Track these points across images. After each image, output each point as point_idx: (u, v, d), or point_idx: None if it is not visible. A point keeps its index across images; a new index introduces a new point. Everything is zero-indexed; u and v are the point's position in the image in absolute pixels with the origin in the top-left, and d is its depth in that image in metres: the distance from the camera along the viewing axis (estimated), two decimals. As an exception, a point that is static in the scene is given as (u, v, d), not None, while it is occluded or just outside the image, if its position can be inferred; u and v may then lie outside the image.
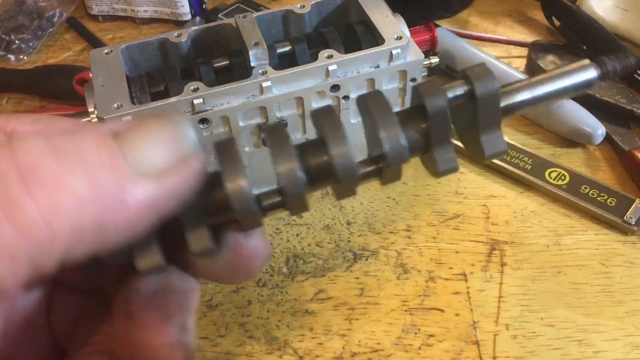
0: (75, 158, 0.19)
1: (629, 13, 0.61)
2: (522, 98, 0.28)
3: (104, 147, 0.20)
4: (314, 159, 0.26)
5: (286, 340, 0.43)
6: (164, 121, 0.22)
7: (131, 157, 0.20)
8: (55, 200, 0.19)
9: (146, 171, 0.21)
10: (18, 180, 0.19)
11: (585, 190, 0.49)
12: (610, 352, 0.41)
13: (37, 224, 0.19)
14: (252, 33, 0.45)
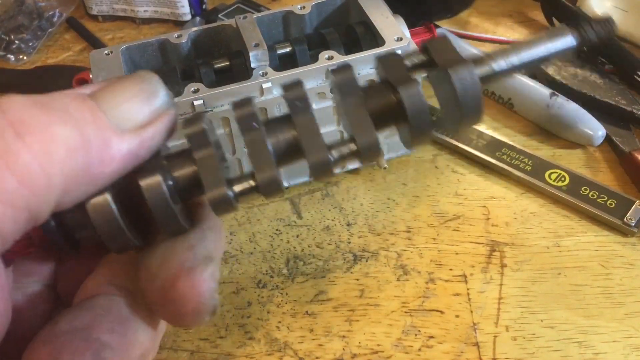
0: (60, 112, 0.21)
1: (629, 14, 0.61)
2: (499, 67, 0.27)
3: (84, 105, 0.22)
4: (282, 135, 0.26)
5: (286, 342, 0.43)
6: (137, 80, 0.24)
7: (110, 114, 0.22)
8: (48, 147, 0.20)
9: (126, 126, 0.22)
10: (12, 132, 0.20)
11: (585, 191, 0.49)
12: (610, 353, 0.41)
13: (34, 171, 0.20)
14: (252, 34, 0.45)
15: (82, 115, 0.21)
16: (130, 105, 0.23)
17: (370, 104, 0.26)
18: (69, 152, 0.21)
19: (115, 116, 0.22)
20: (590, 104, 0.54)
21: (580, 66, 0.58)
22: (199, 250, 0.25)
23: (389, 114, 0.26)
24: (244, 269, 0.47)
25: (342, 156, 0.26)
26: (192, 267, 0.24)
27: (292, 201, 0.51)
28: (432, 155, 0.54)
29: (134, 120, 0.23)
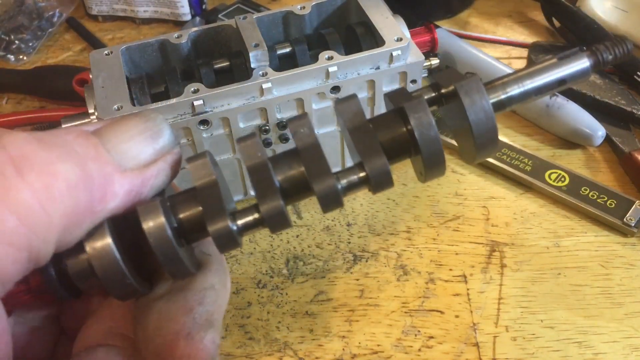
0: (62, 149, 0.21)
1: (629, 14, 0.61)
2: (512, 93, 0.26)
3: (87, 141, 0.22)
4: (287, 166, 0.25)
5: (286, 342, 0.43)
6: (142, 119, 0.23)
7: (113, 151, 0.22)
8: (49, 185, 0.20)
9: (129, 164, 0.22)
10: (12, 169, 0.20)
11: (585, 191, 0.49)
12: (609, 354, 0.41)
13: (34, 210, 0.20)
14: (252, 34, 0.45)
15: (84, 151, 0.21)
16: (133, 144, 0.23)
17: (380, 134, 0.25)
18: (70, 189, 0.20)
19: (119, 154, 0.22)
20: (590, 104, 0.54)
21: (580, 66, 0.58)
22: (199, 313, 0.24)
23: (400, 145, 0.25)
24: (244, 269, 0.47)
25: (351, 184, 0.25)
26: (191, 333, 0.23)
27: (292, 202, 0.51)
28: (432, 155, 0.54)
29: (137, 159, 0.23)
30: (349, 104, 0.25)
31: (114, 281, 0.23)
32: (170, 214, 0.24)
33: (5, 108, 0.62)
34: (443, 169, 0.26)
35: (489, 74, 0.57)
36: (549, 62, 0.27)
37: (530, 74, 0.27)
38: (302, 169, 0.25)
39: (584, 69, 0.27)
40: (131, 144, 0.23)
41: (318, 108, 0.46)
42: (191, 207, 0.24)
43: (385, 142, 0.25)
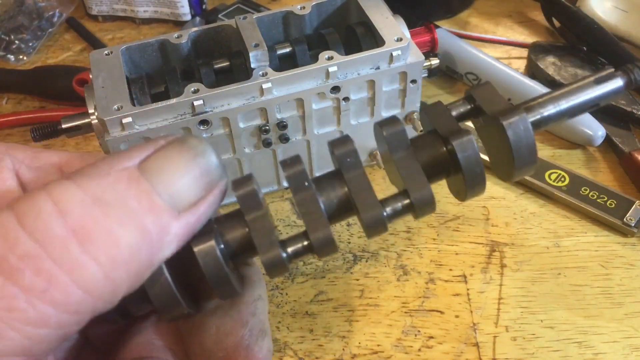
0: (118, 208, 0.20)
1: (629, 14, 0.61)
2: (548, 114, 0.27)
3: (139, 189, 0.21)
4: (334, 193, 0.25)
5: (286, 342, 0.43)
6: (190, 153, 0.23)
7: (165, 194, 0.22)
8: (113, 256, 0.20)
9: (181, 205, 0.22)
10: (75, 243, 0.20)
11: (585, 191, 0.49)
12: (609, 354, 0.41)
13: (101, 281, 0.20)
14: (252, 34, 0.45)
15: (140, 204, 0.21)
16: (185, 183, 0.22)
17: (421, 156, 0.25)
18: (133, 254, 0.21)
19: (171, 197, 0.22)
20: (590, 104, 0.54)
21: (580, 66, 0.58)
22: (254, 324, 0.25)
23: (441, 166, 0.26)
24: (243, 269, 0.47)
25: (395, 212, 0.25)
26: (250, 345, 0.24)
27: (292, 201, 0.51)
28: (432, 155, 0.54)
29: (189, 199, 0.22)
30: (393, 127, 0.26)
31: (167, 306, 0.24)
32: (219, 237, 0.24)
33: (5, 108, 0.62)
34: (484, 188, 0.26)
35: (489, 74, 0.57)
36: (584, 83, 0.28)
37: (566, 94, 0.27)
38: (350, 196, 0.25)
39: (617, 89, 0.28)
40: (183, 184, 0.22)
41: (318, 108, 0.46)
42: (239, 229, 0.25)
43: (425, 163, 0.26)
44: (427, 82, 0.60)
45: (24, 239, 0.19)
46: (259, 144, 0.47)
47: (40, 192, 0.20)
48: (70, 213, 0.20)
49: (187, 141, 0.23)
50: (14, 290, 0.19)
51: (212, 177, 0.23)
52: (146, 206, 0.21)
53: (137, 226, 0.21)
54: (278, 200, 0.51)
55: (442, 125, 0.26)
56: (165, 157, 0.23)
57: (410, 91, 0.48)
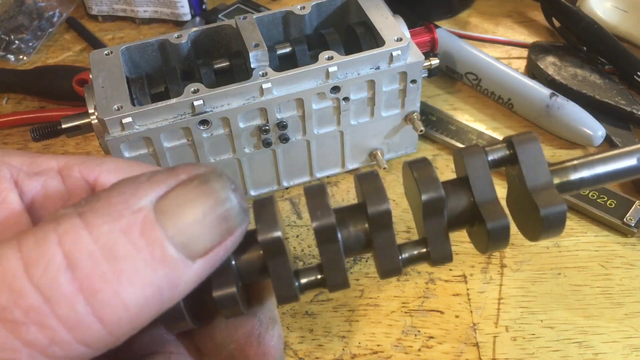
0: (129, 263, 0.20)
1: (629, 14, 0.61)
2: (581, 176, 0.26)
3: (152, 239, 0.20)
4: (354, 227, 0.25)
5: (286, 342, 0.43)
6: (210, 198, 0.22)
7: (179, 243, 0.21)
8: (120, 316, 0.20)
9: (196, 253, 0.21)
10: (82, 301, 0.19)
11: (585, 191, 0.49)
12: (609, 354, 0.41)
13: (104, 337, 0.20)
14: (252, 34, 0.45)
15: (151, 258, 0.20)
16: (201, 230, 0.21)
17: (450, 211, 0.25)
18: (140, 311, 0.20)
19: (185, 245, 0.21)
20: (590, 104, 0.54)
21: (580, 66, 0.58)
22: (263, 314, 0.25)
23: (465, 219, 0.26)
24: (243, 269, 0.47)
25: (411, 259, 0.25)
26: (261, 334, 0.24)
27: (292, 201, 0.51)
28: (432, 155, 0.54)
29: (204, 246, 0.21)
30: (425, 169, 0.25)
31: (172, 321, 0.23)
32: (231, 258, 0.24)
33: (5, 108, 0.62)
34: (507, 244, 0.26)
35: (489, 74, 0.57)
36: (619, 151, 0.26)
37: (600, 161, 0.26)
38: (371, 240, 0.24)
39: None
40: (199, 231, 0.21)
41: (318, 108, 0.46)
42: (252, 251, 0.24)
43: (451, 212, 0.25)
44: (427, 82, 0.60)
45: (30, 292, 0.19)
46: (259, 144, 0.47)
47: (51, 236, 0.19)
48: (79, 268, 0.19)
49: (209, 182, 0.22)
50: (16, 343, 0.19)
51: (232, 223, 0.22)
52: (158, 259, 0.20)
53: (147, 284, 0.20)
54: (278, 200, 0.51)
55: (480, 193, 0.26)
56: (183, 198, 0.21)
57: (410, 91, 0.48)
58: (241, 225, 0.22)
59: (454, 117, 0.56)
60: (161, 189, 0.21)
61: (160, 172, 0.22)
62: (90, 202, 0.21)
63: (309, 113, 0.46)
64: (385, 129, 0.50)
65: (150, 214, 0.20)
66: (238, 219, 0.22)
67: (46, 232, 0.19)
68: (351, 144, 0.50)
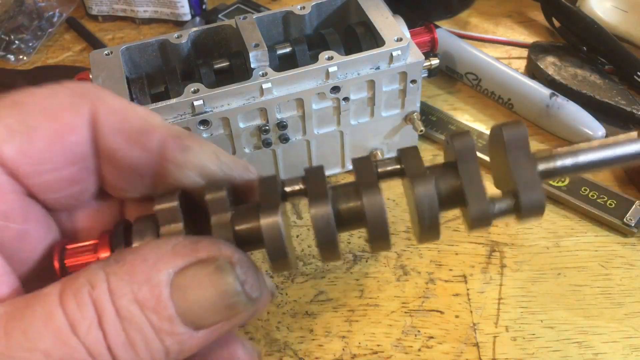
0: (143, 334, 0.23)
1: (629, 14, 0.61)
2: (563, 164, 0.26)
3: (164, 316, 0.23)
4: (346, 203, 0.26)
5: (286, 342, 0.43)
6: (218, 284, 0.24)
7: (187, 320, 0.24)
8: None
9: (201, 326, 0.24)
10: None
11: (585, 191, 0.49)
12: (609, 354, 0.41)
13: None
14: (252, 34, 0.45)
15: (161, 330, 0.23)
16: (208, 311, 0.24)
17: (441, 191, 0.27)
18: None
19: (192, 320, 0.24)
20: (590, 104, 0.54)
21: (580, 66, 0.58)
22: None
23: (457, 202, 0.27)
24: (243, 269, 0.47)
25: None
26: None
27: (292, 201, 0.51)
28: (432, 155, 0.54)
29: (209, 322, 0.24)
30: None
31: None
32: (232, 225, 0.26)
33: (5, 108, 0.62)
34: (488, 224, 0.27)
35: (489, 74, 0.57)
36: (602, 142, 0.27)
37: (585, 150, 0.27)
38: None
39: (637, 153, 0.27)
40: (207, 312, 0.24)
41: (318, 108, 0.46)
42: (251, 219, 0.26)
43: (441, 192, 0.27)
44: (427, 82, 0.60)
45: (79, 347, 0.22)
46: (259, 144, 0.47)
47: (87, 299, 0.23)
48: (107, 332, 0.23)
49: (223, 273, 0.24)
50: None
51: (237, 310, 0.25)
52: (168, 332, 0.23)
53: (156, 350, 0.23)
54: (278, 200, 0.51)
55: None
56: (198, 282, 0.24)
57: (410, 91, 0.48)
58: (246, 311, 0.25)
59: (454, 117, 0.56)
60: (180, 263, 0.24)
61: (183, 244, 0.25)
62: (117, 263, 0.24)
63: (309, 113, 0.46)
64: (385, 129, 0.50)
65: (166, 291, 0.23)
66: (244, 308, 0.25)
67: (83, 296, 0.23)
68: (351, 144, 0.50)
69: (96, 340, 0.22)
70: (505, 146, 0.25)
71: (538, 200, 0.25)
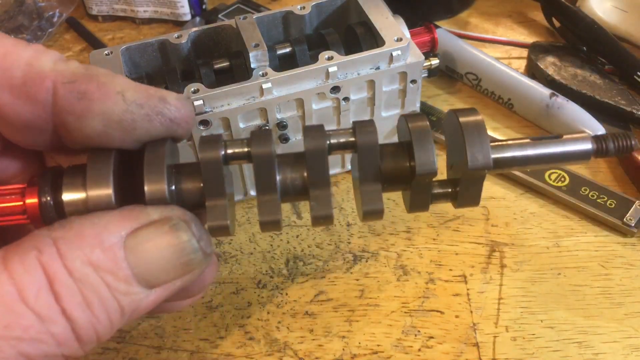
0: (98, 294, 0.23)
1: (629, 14, 0.61)
2: (512, 155, 0.29)
3: (120, 275, 0.24)
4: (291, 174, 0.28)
5: (286, 342, 0.43)
6: (172, 242, 0.25)
7: (142, 278, 0.24)
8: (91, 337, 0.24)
9: (156, 284, 0.24)
10: (65, 323, 0.23)
11: (585, 191, 0.49)
12: (609, 354, 0.41)
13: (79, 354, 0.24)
14: (252, 34, 0.45)
15: (117, 290, 0.23)
16: (162, 268, 0.24)
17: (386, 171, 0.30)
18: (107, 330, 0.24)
19: (147, 281, 0.24)
20: (590, 104, 0.54)
21: (580, 66, 0.58)
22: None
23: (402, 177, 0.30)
24: (243, 269, 0.47)
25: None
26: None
27: (291, 202, 0.51)
28: (432, 155, 0.54)
29: (163, 280, 0.25)
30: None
31: None
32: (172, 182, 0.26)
33: (5, 108, 0.62)
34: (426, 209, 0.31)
35: (488, 74, 0.57)
36: (554, 139, 0.29)
37: (533, 145, 0.29)
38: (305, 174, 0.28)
39: (586, 151, 0.29)
40: (162, 271, 0.24)
41: (318, 108, 0.46)
42: (194, 181, 0.27)
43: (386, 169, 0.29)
44: (427, 82, 0.60)
45: (27, 314, 0.22)
46: (259, 144, 0.47)
47: (34, 264, 0.22)
48: (60, 295, 0.22)
49: (178, 232, 0.25)
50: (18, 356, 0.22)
51: (192, 266, 0.25)
52: (123, 292, 0.24)
53: (113, 309, 0.24)
54: (278, 200, 0.51)
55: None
56: (152, 242, 0.24)
57: (410, 91, 0.48)
58: (200, 267, 0.26)
59: (454, 117, 0.56)
60: (132, 225, 0.24)
61: (132, 207, 0.24)
62: (64, 228, 0.23)
63: (309, 113, 0.46)
64: (385, 129, 0.50)
65: (120, 252, 0.23)
66: (199, 264, 0.26)
67: (30, 260, 0.22)
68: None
69: (47, 304, 0.22)
70: (462, 127, 0.28)
71: (484, 157, 0.28)
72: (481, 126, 0.28)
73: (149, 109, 0.25)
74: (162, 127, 0.26)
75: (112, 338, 0.43)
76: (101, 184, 0.25)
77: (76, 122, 0.24)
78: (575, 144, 0.29)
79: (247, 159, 0.27)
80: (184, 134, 0.28)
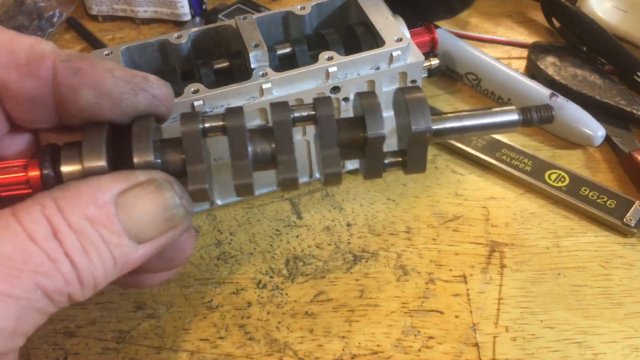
0: (95, 244, 0.26)
1: (629, 14, 0.61)
2: (450, 126, 0.33)
3: (112, 230, 0.27)
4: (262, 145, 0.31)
5: (286, 342, 0.43)
6: (159, 199, 0.28)
7: (132, 233, 0.27)
8: (89, 282, 0.27)
9: (144, 239, 0.28)
10: (70, 265, 0.26)
11: (585, 192, 0.49)
12: (609, 354, 0.41)
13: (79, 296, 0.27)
14: (252, 34, 0.45)
15: (110, 242, 0.27)
16: (150, 223, 0.28)
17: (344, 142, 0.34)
18: (103, 278, 0.27)
19: (136, 235, 0.27)
20: (590, 104, 0.54)
21: (580, 66, 0.58)
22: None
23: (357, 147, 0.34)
24: (243, 269, 0.47)
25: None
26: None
27: (292, 201, 0.51)
28: (432, 155, 0.54)
29: (151, 235, 0.28)
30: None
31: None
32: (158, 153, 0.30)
33: (5, 108, 0.62)
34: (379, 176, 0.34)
35: (489, 74, 0.57)
36: (485, 111, 0.34)
37: (469, 116, 0.34)
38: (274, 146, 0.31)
39: (512, 122, 0.34)
40: (148, 224, 0.28)
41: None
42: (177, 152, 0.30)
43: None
44: (427, 82, 0.60)
45: (38, 253, 0.25)
46: (259, 144, 0.47)
47: (40, 216, 0.26)
48: (63, 242, 0.26)
49: (162, 190, 0.28)
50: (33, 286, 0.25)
51: (176, 222, 0.29)
52: (116, 244, 0.27)
53: (107, 259, 0.27)
54: (278, 201, 0.51)
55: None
56: (140, 199, 0.28)
57: (410, 91, 0.47)
58: (183, 224, 0.29)
59: (454, 117, 0.56)
60: (122, 186, 0.27)
61: (122, 171, 0.28)
62: (62, 189, 0.27)
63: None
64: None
65: (112, 209, 0.27)
66: (181, 220, 0.29)
67: (36, 213, 0.26)
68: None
69: (54, 247, 0.25)
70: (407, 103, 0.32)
71: (425, 122, 0.32)
72: (423, 99, 0.32)
73: (134, 84, 0.29)
74: (145, 101, 0.30)
75: (112, 338, 0.43)
76: (96, 156, 0.28)
77: (72, 94, 0.29)
78: (505, 115, 0.34)
79: (222, 132, 0.31)
80: (165, 112, 0.32)
